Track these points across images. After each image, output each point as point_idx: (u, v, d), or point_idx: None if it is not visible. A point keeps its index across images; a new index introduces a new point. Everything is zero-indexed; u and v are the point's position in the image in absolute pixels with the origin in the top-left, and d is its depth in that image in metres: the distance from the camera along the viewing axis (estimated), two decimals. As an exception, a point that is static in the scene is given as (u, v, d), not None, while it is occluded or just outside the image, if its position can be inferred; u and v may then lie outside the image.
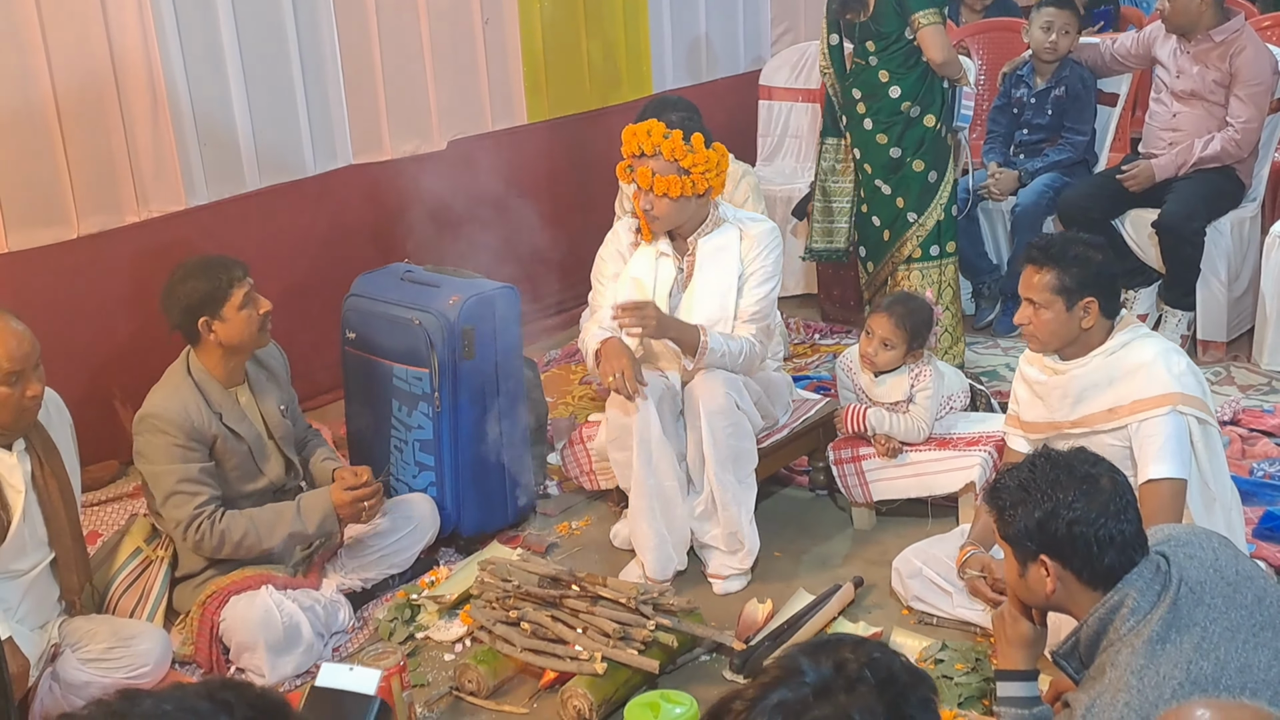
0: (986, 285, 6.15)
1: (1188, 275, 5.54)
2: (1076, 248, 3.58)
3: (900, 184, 5.37)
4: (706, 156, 4.13)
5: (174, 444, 3.82)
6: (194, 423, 3.84)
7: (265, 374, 4.13)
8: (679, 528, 4.18)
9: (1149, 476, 3.46)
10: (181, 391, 3.89)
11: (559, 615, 3.66)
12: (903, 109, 5.27)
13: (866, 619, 3.90)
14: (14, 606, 3.59)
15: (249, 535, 3.86)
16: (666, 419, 4.15)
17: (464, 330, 4.30)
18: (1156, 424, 3.48)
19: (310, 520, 3.92)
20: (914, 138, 5.32)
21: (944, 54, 5.13)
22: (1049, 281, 3.55)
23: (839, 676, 1.63)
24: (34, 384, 3.49)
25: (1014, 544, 2.74)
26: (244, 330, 3.90)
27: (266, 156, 5.35)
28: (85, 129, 4.80)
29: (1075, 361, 3.62)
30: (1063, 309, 3.55)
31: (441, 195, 5.76)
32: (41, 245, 4.76)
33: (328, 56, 5.51)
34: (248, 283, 3.91)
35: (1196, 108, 5.63)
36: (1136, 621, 2.57)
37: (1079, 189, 5.84)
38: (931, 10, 5.10)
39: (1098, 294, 3.55)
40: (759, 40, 7.49)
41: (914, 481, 4.32)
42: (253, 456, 3.98)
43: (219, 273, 3.88)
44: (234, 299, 3.86)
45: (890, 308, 4.38)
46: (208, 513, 3.83)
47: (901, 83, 5.25)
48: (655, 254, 4.30)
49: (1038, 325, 3.60)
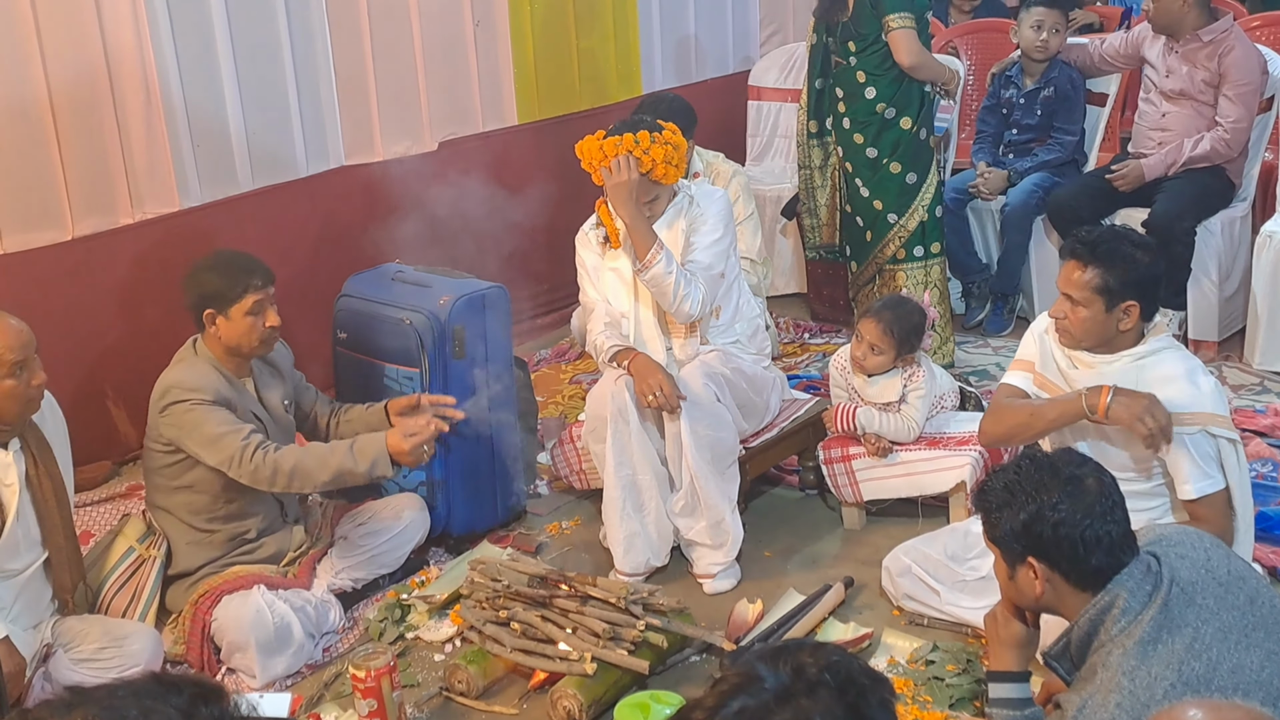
0: (976, 285, 6.17)
1: (1178, 275, 5.55)
2: (1124, 247, 3.47)
3: (878, 185, 5.40)
4: (678, 142, 4.16)
5: (202, 400, 3.84)
6: (218, 388, 3.88)
7: (269, 369, 4.15)
8: (655, 523, 4.19)
9: (1200, 493, 3.43)
10: (198, 365, 3.93)
11: (549, 615, 3.66)
12: (878, 110, 5.32)
13: (857, 619, 3.90)
14: (7, 606, 3.60)
15: (303, 464, 3.83)
16: (646, 415, 4.16)
17: (454, 330, 4.31)
18: (1189, 438, 3.44)
19: (362, 461, 3.84)
20: (890, 139, 5.35)
21: (911, 58, 5.17)
22: (1091, 280, 3.45)
23: (798, 681, 1.63)
24: (38, 372, 3.54)
25: (1001, 546, 2.75)
26: (244, 336, 3.92)
27: (259, 157, 5.36)
28: (80, 131, 4.81)
29: (1103, 358, 3.55)
30: (1102, 309, 3.47)
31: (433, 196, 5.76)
32: (36, 247, 4.77)
33: (320, 58, 5.51)
34: (263, 292, 3.92)
35: (1185, 107, 5.65)
36: (1128, 622, 2.57)
37: (1068, 189, 5.86)
38: (903, 14, 5.15)
39: (1140, 298, 3.47)
40: (748, 41, 7.50)
41: (904, 481, 4.33)
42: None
43: (239, 273, 3.90)
44: (244, 303, 3.89)
45: (879, 313, 4.37)
46: (256, 441, 3.83)
47: (877, 84, 5.30)
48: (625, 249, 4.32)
49: (1074, 322, 3.52)
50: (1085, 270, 3.47)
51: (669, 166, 4.13)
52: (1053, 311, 3.60)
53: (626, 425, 4.14)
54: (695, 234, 4.26)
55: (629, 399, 4.12)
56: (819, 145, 5.67)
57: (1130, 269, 3.45)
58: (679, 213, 4.30)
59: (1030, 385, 3.71)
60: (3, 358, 3.45)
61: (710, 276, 4.24)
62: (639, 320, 4.32)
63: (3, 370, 3.45)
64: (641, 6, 6.75)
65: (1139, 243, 3.53)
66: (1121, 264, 3.44)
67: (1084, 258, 3.47)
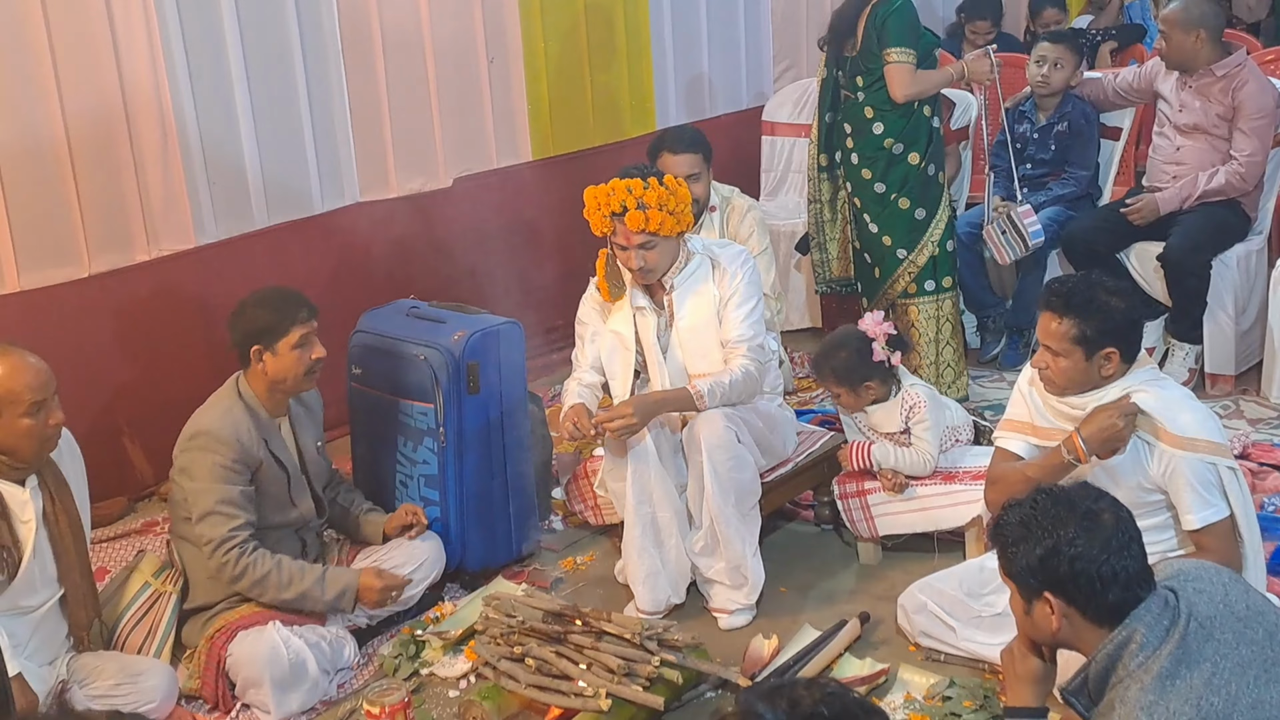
0: (991, 319, 6.15)
1: (1194, 309, 5.54)
2: (1098, 295, 3.48)
3: (887, 221, 5.36)
4: (682, 194, 4.17)
5: (220, 463, 3.86)
6: (244, 444, 3.90)
7: (304, 410, 4.19)
8: (674, 561, 4.18)
9: (1203, 523, 3.43)
10: (234, 412, 3.95)
11: (563, 651, 3.65)
12: (885, 145, 5.28)
13: (873, 655, 3.88)
14: (23, 643, 3.61)
15: (270, 577, 3.86)
16: (665, 452, 4.16)
17: (469, 365, 4.31)
18: (1188, 468, 3.44)
19: (330, 589, 3.92)
20: (898, 175, 5.32)
21: (904, 91, 5.16)
22: (1068, 331, 3.47)
23: (795, 715, 1.63)
24: (56, 412, 3.56)
25: (1018, 581, 2.73)
26: (291, 369, 3.95)
27: (275, 194, 5.38)
28: (96, 168, 4.84)
29: (1091, 396, 3.56)
30: (1081, 358, 3.49)
31: (447, 232, 5.80)
32: (53, 284, 4.80)
33: (335, 94, 5.54)
34: (310, 324, 3.97)
35: (1200, 141, 5.65)
36: (1145, 657, 2.55)
37: (1083, 223, 5.85)
38: (904, 49, 5.13)
39: (1119, 344, 3.49)
40: (761, 76, 7.52)
41: (920, 516, 4.31)
42: (289, 487, 4.03)
43: (286, 307, 3.95)
44: (291, 336, 3.92)
45: (814, 364, 4.44)
46: (240, 539, 3.85)
47: (885, 119, 5.27)
48: (631, 311, 4.32)
49: (1055, 372, 3.55)
50: (1061, 321, 3.49)
51: (665, 214, 4.12)
52: (1034, 362, 3.63)
53: (646, 464, 4.14)
54: (730, 307, 4.27)
55: (648, 437, 4.12)
56: (829, 179, 5.64)
57: (1106, 317, 3.47)
58: (704, 277, 4.29)
59: (1024, 448, 3.73)
60: (21, 397, 3.47)
61: (754, 347, 4.26)
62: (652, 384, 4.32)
63: (21, 409, 3.47)
64: (655, 42, 6.77)
65: (1114, 289, 3.54)
66: (1097, 313, 3.46)
67: (1059, 309, 3.50)
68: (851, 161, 5.41)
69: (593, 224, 4.20)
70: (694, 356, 4.28)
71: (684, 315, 4.28)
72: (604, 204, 4.14)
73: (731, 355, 4.25)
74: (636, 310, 4.31)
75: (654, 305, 4.32)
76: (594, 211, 4.17)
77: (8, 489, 3.58)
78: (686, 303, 4.28)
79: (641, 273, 4.22)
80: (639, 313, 4.32)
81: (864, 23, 5.20)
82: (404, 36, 5.71)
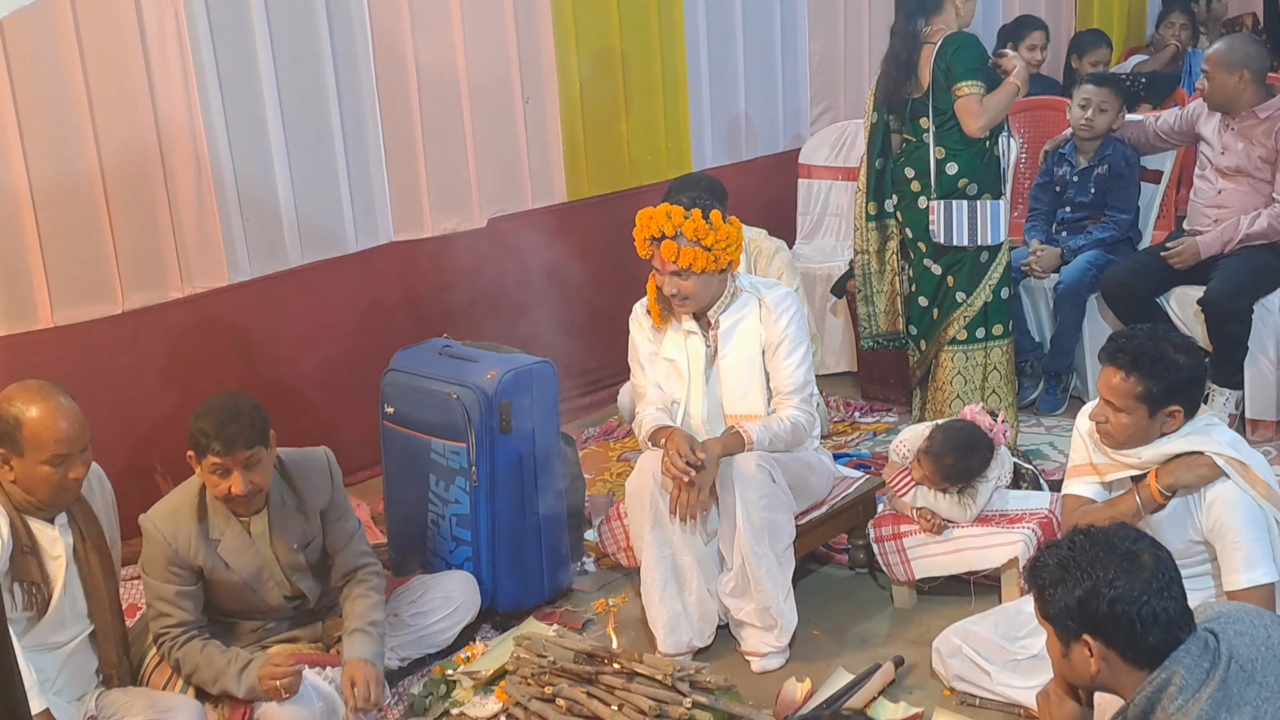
0: (1029, 364, 6.08)
1: (1235, 353, 5.47)
2: (1165, 352, 3.43)
3: (951, 263, 5.29)
4: (726, 232, 4.15)
5: (158, 559, 3.79)
6: (178, 550, 3.77)
7: (295, 501, 3.95)
8: (697, 604, 4.14)
9: (1250, 584, 3.39)
10: (179, 513, 3.82)
11: (594, 692, 3.63)
12: (960, 185, 5.21)
13: (907, 699, 3.83)
14: (51, 678, 3.61)
15: (199, 671, 3.75)
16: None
17: (501, 405, 4.30)
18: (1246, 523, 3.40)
19: (244, 684, 3.72)
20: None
21: (978, 124, 5.08)
22: (1133, 389, 3.43)
23: None
24: (78, 467, 3.54)
25: (1056, 624, 2.68)
26: (211, 490, 3.79)
27: (309, 233, 5.40)
28: (130, 205, 4.86)
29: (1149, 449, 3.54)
30: (1145, 415, 3.46)
31: (481, 272, 5.79)
32: (87, 320, 4.81)
33: (370, 134, 5.56)
34: (226, 458, 3.68)
35: (1242, 184, 5.60)
36: (1185, 700, 2.50)
37: (1123, 266, 5.80)
38: (974, 82, 5.05)
39: (1184, 403, 3.46)
40: (798, 119, 7.51)
41: (955, 558, 4.25)
42: (249, 588, 3.87)
43: (209, 429, 3.69)
44: (207, 461, 3.72)
45: (940, 458, 4.24)
46: (170, 635, 3.77)
47: (958, 159, 5.18)
48: (683, 335, 4.31)
49: (1115, 427, 3.51)
50: (1127, 379, 3.45)
51: (700, 250, 4.11)
52: (1093, 415, 3.58)
53: (666, 505, 4.10)
54: (780, 354, 4.24)
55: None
56: (877, 229, 5.54)
57: (1174, 375, 3.43)
58: (751, 316, 4.28)
59: (1093, 490, 3.69)
60: (46, 446, 3.46)
61: (805, 398, 4.25)
62: (689, 412, 4.30)
63: (43, 456, 3.47)
64: (692, 84, 6.78)
65: (1181, 346, 3.49)
66: (1165, 371, 3.42)
67: (1125, 366, 3.45)
68: (918, 206, 5.32)
69: (637, 245, 4.20)
70: (733, 397, 4.26)
71: (727, 354, 4.26)
72: (646, 227, 4.14)
73: (782, 405, 4.23)
74: (688, 334, 4.29)
75: (703, 333, 4.30)
76: (639, 232, 4.18)
77: (38, 526, 3.59)
78: (731, 341, 4.26)
79: (677, 300, 4.20)
80: (689, 337, 4.30)
81: (930, 62, 5.14)
82: (439, 75, 5.72)
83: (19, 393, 3.52)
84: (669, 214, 4.12)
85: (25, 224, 4.63)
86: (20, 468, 3.49)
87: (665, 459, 4.01)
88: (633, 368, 4.46)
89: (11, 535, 3.51)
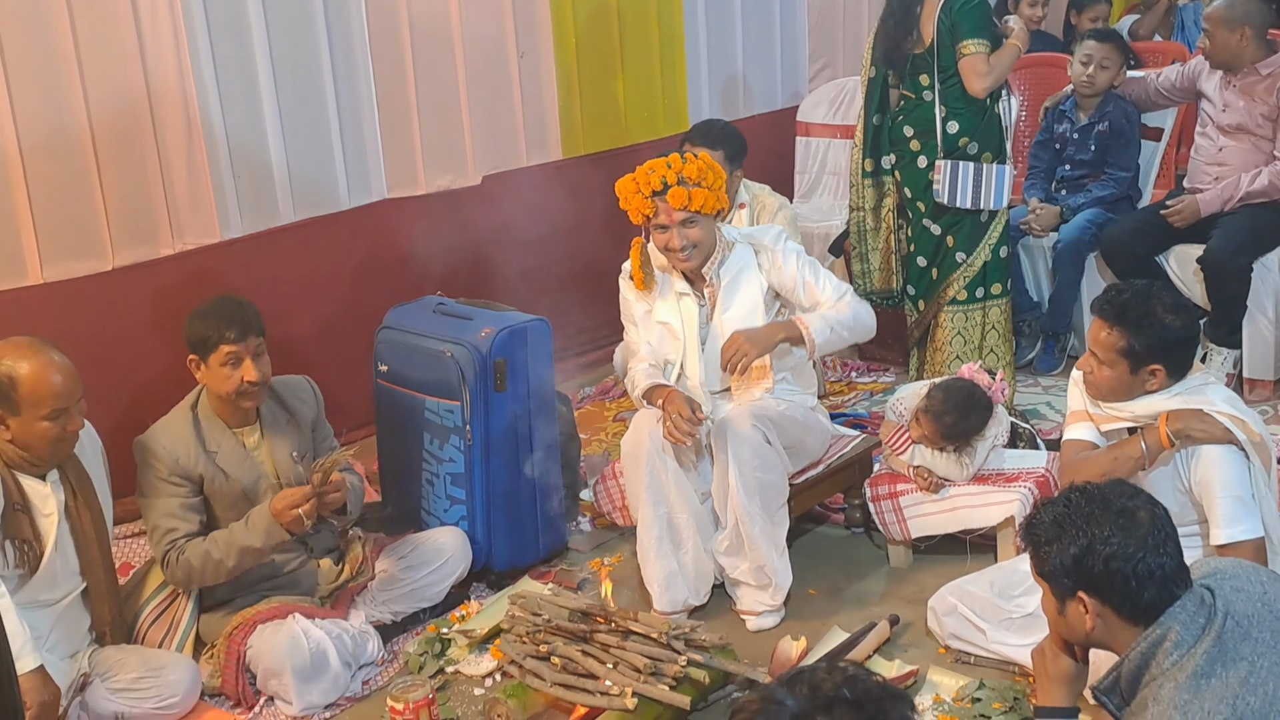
0: (1027, 323, 6.06)
1: (1233, 312, 5.45)
2: (1154, 310, 3.42)
3: (951, 223, 5.25)
4: (718, 170, 4.14)
5: (158, 477, 3.84)
6: (179, 459, 3.84)
7: (285, 416, 4.07)
8: (693, 562, 4.13)
9: (1230, 539, 3.38)
10: (176, 425, 3.91)
11: (589, 650, 3.61)
12: (961, 144, 5.17)
13: (902, 657, 3.82)
14: (44, 635, 3.61)
15: (209, 557, 3.79)
16: (687, 452, 4.10)
17: (496, 363, 4.27)
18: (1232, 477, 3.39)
19: (255, 533, 3.79)
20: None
21: (982, 84, 5.03)
22: (1116, 342, 3.44)
23: (816, 698, 1.59)
24: (76, 419, 3.56)
25: (1051, 581, 2.67)
26: (221, 386, 3.86)
27: (301, 190, 5.36)
28: (120, 161, 4.82)
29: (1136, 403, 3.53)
30: (1126, 371, 3.46)
31: (476, 230, 5.75)
32: (76, 277, 4.78)
33: (363, 90, 5.52)
34: (240, 344, 3.81)
35: (1243, 141, 5.56)
36: (1180, 656, 2.49)
37: (1122, 225, 5.77)
38: (979, 40, 5.00)
39: (1166, 362, 3.45)
40: (796, 76, 7.45)
41: (951, 517, 4.24)
42: (247, 499, 3.92)
43: (219, 323, 3.82)
44: (219, 353, 3.82)
45: (939, 417, 4.20)
46: (177, 546, 3.80)
47: (960, 118, 5.13)
48: (675, 297, 4.27)
49: (1098, 378, 3.52)
50: (1111, 331, 3.45)
51: (706, 190, 4.07)
52: (1079, 365, 3.60)
53: (663, 464, 4.08)
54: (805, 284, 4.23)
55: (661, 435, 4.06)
56: (874, 185, 5.50)
57: (1158, 334, 3.42)
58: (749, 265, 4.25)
59: (1093, 434, 3.67)
60: (44, 400, 3.47)
61: (851, 294, 4.27)
62: (686, 375, 4.27)
63: (42, 412, 3.48)
64: (689, 40, 6.72)
65: (1172, 306, 3.47)
66: (1149, 329, 3.42)
67: (1111, 319, 3.46)
68: (918, 165, 5.28)
69: (631, 211, 4.15)
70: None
71: (729, 306, 4.22)
72: (643, 184, 4.09)
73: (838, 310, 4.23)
74: (679, 296, 4.26)
75: (695, 294, 4.26)
76: (632, 195, 4.12)
77: (29, 483, 3.59)
78: (733, 294, 4.23)
79: (684, 253, 4.15)
80: (681, 299, 4.26)
81: (933, 18, 5.07)
82: (433, 30, 5.67)
83: (6, 350, 3.50)
84: (668, 163, 4.08)
85: (14, 179, 4.60)
86: (18, 426, 3.49)
87: (667, 423, 3.98)
88: (625, 325, 4.43)
89: (3, 493, 3.50)
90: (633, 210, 4.14)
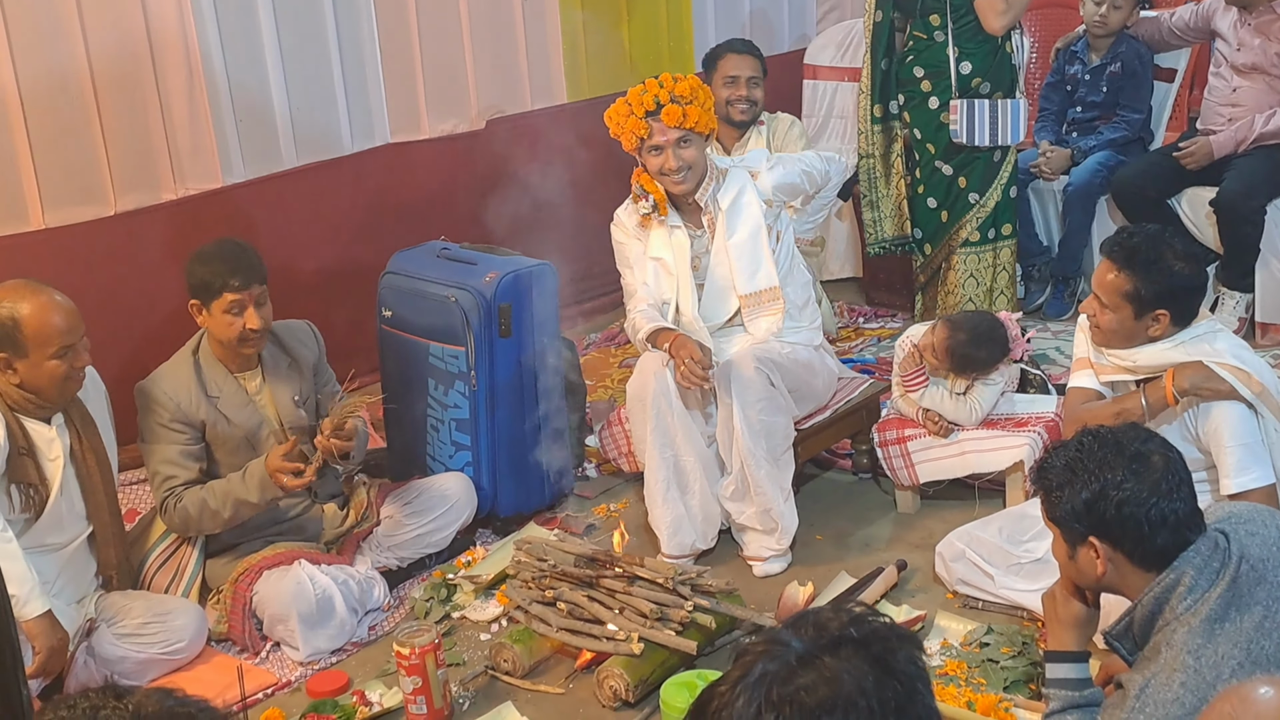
0: (1037, 267, 6.01)
1: (1246, 256, 5.40)
2: (1162, 255, 3.39)
3: (964, 163, 5.22)
4: (705, 90, 4.14)
5: (159, 423, 3.83)
6: (180, 404, 3.83)
7: (287, 361, 4.06)
8: (700, 506, 4.11)
9: (1240, 488, 3.36)
10: (178, 370, 3.90)
11: (595, 595, 3.60)
12: (973, 85, 5.11)
13: (910, 602, 3.82)
14: (51, 580, 3.61)
15: (205, 505, 3.79)
16: (693, 397, 4.07)
17: (500, 308, 4.24)
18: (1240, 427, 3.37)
19: (250, 488, 3.79)
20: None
21: (1001, 21, 5.01)
22: (1121, 285, 3.41)
23: (822, 639, 1.57)
24: (83, 355, 3.56)
25: (1062, 526, 2.65)
26: (223, 333, 3.85)
27: (303, 134, 5.32)
28: (122, 106, 4.79)
29: (1139, 350, 3.51)
30: (1130, 315, 3.44)
31: (480, 174, 5.70)
32: (78, 222, 4.75)
33: (365, 34, 5.46)
34: (244, 292, 3.79)
35: (1258, 82, 5.48)
36: (1194, 600, 2.47)
37: (1134, 167, 5.70)
38: None
39: (1171, 307, 3.42)
40: (804, 18, 7.37)
41: (960, 461, 4.21)
42: (249, 444, 3.91)
43: (222, 270, 3.79)
44: (221, 300, 3.80)
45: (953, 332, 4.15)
46: (175, 493, 3.81)
47: (972, 58, 5.11)
48: (668, 231, 4.23)
49: (1101, 322, 3.50)
50: (1118, 274, 3.43)
51: (699, 108, 4.06)
52: (1083, 308, 3.58)
53: (669, 407, 4.05)
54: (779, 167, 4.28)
55: (670, 380, 4.03)
56: (883, 131, 5.46)
57: (1164, 279, 3.39)
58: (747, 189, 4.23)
59: (1098, 383, 3.65)
60: (50, 339, 3.46)
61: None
62: (680, 309, 4.23)
63: (50, 351, 3.47)
64: (695, -20, 6.66)
65: (1181, 253, 3.44)
66: (1156, 273, 3.39)
67: (1119, 262, 3.43)
68: (929, 106, 5.23)
69: (624, 136, 4.13)
70: (743, 276, 4.20)
71: (734, 230, 4.19)
72: (636, 105, 4.07)
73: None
74: (671, 230, 4.22)
75: (689, 226, 4.22)
76: (625, 119, 4.10)
77: (34, 427, 3.58)
78: (736, 217, 4.20)
79: (680, 174, 4.12)
80: (674, 232, 4.22)
81: None
82: (437, -29, 5.62)
83: (4, 293, 3.48)
84: (660, 82, 4.06)
85: (14, 125, 4.56)
86: (26, 368, 3.47)
87: (680, 370, 3.94)
88: (621, 271, 4.40)
89: (8, 437, 3.49)
90: (625, 135, 4.11)
